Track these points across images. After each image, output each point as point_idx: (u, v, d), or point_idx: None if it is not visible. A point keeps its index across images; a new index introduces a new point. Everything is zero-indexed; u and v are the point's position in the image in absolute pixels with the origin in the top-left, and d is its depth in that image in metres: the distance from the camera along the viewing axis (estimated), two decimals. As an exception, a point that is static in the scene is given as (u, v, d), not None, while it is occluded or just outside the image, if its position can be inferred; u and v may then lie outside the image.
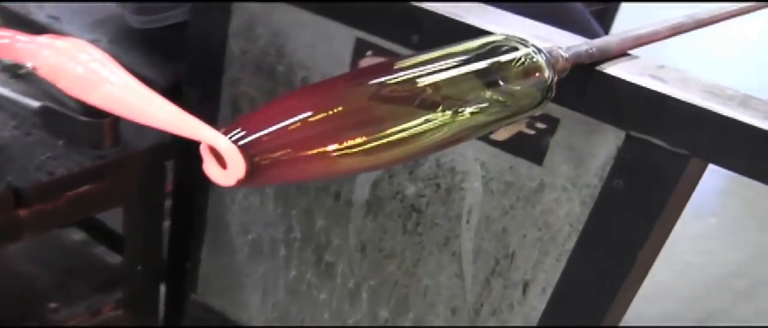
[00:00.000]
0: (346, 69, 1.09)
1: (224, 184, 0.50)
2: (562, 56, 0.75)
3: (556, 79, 0.71)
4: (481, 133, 0.66)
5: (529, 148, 0.97)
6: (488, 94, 0.61)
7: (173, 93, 1.31)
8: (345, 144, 0.51)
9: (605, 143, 0.89)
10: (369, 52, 1.06)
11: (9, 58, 0.59)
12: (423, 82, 0.57)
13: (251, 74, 1.22)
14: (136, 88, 0.53)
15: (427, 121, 0.55)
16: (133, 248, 1.46)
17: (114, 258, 1.59)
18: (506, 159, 1.00)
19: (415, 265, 1.18)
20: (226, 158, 0.49)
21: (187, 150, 0.64)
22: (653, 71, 0.86)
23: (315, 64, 1.13)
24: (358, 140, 0.51)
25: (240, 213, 1.38)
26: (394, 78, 0.56)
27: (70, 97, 0.88)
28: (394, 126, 0.53)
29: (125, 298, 1.50)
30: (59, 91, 0.55)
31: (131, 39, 1.45)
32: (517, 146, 0.98)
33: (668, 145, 0.83)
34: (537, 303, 1.05)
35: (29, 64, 0.56)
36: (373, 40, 1.05)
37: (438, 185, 1.10)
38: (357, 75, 0.64)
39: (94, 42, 0.74)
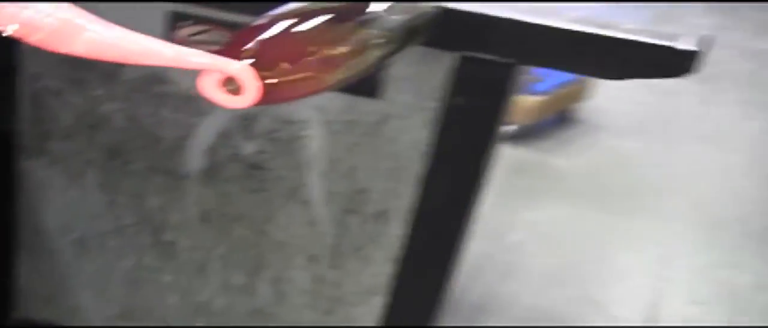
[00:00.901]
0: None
1: (242, 106, 0.61)
2: None
3: None
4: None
5: (365, 84, 1.09)
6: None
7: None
8: (334, 68, 0.69)
9: (438, 67, 1.03)
10: (189, 22, 1.12)
11: None
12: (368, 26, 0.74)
13: (54, 67, 1.23)
14: (128, 33, 0.59)
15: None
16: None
17: None
18: (344, 99, 1.11)
19: (264, 222, 1.27)
20: (243, 81, 0.59)
21: None
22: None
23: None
24: (342, 65, 0.70)
25: (58, 213, 1.38)
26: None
27: None
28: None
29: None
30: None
31: None
32: (353, 85, 1.09)
33: (499, 58, 0.99)
34: (396, 231, 1.18)
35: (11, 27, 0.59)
36: (187, 8, 1.11)
37: (277, 138, 1.19)
38: (338, 16, 0.73)
39: None
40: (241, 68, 0.60)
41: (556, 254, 2.51)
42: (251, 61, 0.61)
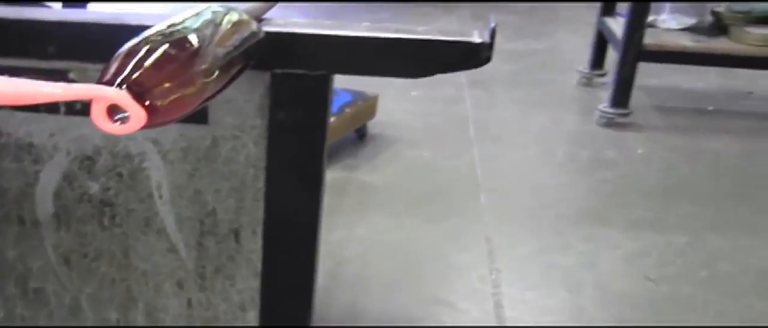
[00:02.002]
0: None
1: (128, 131, 0.73)
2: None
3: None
4: None
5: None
6: None
7: None
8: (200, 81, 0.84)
9: (255, 87, 1.15)
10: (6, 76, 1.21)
11: None
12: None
13: None
14: (10, 80, 0.72)
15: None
16: None
17: None
18: (174, 129, 1.22)
19: (126, 256, 1.37)
20: (124, 107, 0.72)
21: None
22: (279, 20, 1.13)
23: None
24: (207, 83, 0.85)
25: None
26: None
27: None
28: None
29: None
30: None
31: None
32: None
33: (309, 71, 1.11)
34: (253, 246, 1.30)
35: None
36: (7, 62, 1.20)
37: (120, 174, 1.29)
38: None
39: None
40: (118, 94, 0.72)
41: (394, 262, 2.86)
42: (126, 86, 0.74)
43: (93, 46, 1.17)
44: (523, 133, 4.31)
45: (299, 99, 1.14)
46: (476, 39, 1.06)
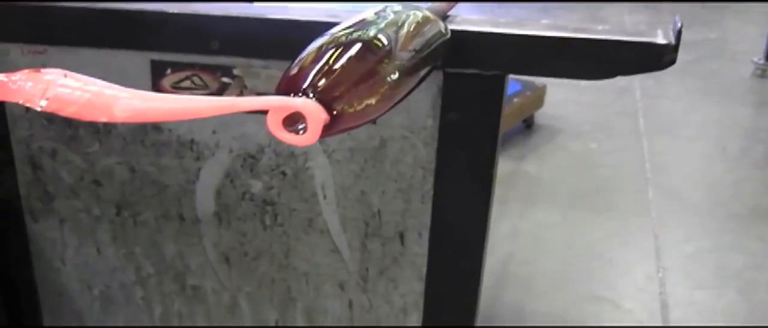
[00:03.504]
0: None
1: (309, 142, 0.77)
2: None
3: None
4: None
5: (360, 110, 1.32)
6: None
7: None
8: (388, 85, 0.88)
9: (427, 86, 1.25)
10: (168, 71, 1.36)
11: (9, 100, 0.79)
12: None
13: (44, 128, 1.49)
14: (176, 97, 0.76)
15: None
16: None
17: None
18: (341, 127, 1.35)
19: (286, 256, 1.52)
20: (307, 116, 0.75)
21: None
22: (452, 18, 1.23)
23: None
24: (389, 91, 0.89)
25: (76, 271, 1.66)
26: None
27: None
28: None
29: None
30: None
31: None
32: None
33: (483, 71, 1.21)
34: (418, 249, 1.42)
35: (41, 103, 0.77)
36: (169, 57, 1.35)
37: (284, 173, 1.43)
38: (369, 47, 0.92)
39: None
40: (305, 103, 0.76)
41: (559, 259, 3.03)
42: (312, 95, 0.78)
43: (257, 42, 1.31)
44: (695, 125, 4.46)
45: (472, 100, 1.24)
46: (661, 40, 1.13)
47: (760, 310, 2.73)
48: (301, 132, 0.77)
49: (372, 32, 0.91)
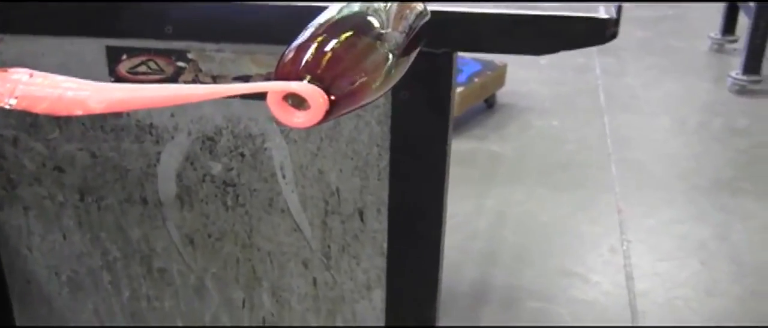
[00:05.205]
0: (107, 79, 1.40)
1: (311, 123, 0.77)
2: None
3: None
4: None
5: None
6: None
7: None
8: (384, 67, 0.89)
9: (379, 65, 1.28)
10: (124, 56, 1.39)
11: None
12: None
13: (4, 116, 1.51)
14: (162, 86, 0.76)
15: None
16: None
17: None
18: (297, 108, 1.37)
19: (249, 236, 1.54)
20: (309, 99, 0.76)
21: None
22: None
23: (70, 83, 1.44)
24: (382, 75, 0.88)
25: (43, 258, 1.68)
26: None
27: None
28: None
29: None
30: None
31: None
32: (302, 92, 1.36)
33: (433, 49, 1.23)
34: (377, 225, 1.45)
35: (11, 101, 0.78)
36: (124, 43, 1.37)
37: (242, 154, 1.45)
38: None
39: None
40: (305, 86, 0.76)
41: (524, 234, 3.12)
42: (309, 78, 0.78)
43: (209, 26, 1.33)
44: (655, 101, 4.59)
45: (423, 78, 1.26)
46: (603, 15, 1.16)
47: (722, 279, 2.80)
48: (301, 115, 0.78)
49: (365, 16, 0.92)
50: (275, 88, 0.77)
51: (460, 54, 3.90)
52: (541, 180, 3.58)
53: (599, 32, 1.17)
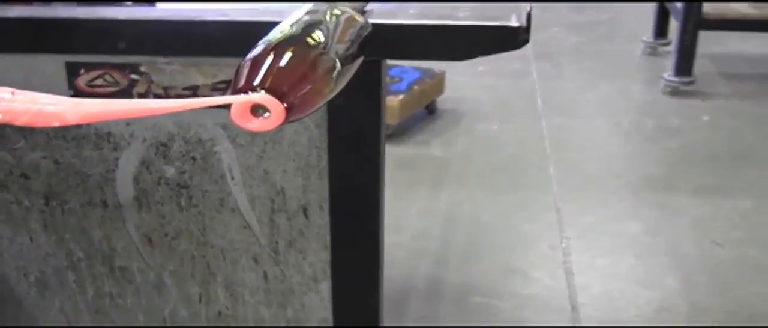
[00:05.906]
0: (67, 92, 1.52)
1: (271, 127, 0.86)
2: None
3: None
4: None
5: (257, 97, 1.46)
6: None
7: None
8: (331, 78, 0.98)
9: (315, 73, 1.40)
10: (82, 71, 1.50)
11: None
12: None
13: (-29, 129, 1.62)
14: (133, 101, 0.87)
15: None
16: None
17: None
18: (242, 114, 1.49)
19: (203, 234, 1.66)
20: (270, 108, 0.84)
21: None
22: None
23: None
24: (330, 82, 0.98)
25: (12, 259, 1.79)
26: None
27: None
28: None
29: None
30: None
31: None
32: (247, 100, 1.48)
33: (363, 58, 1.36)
34: (321, 221, 1.57)
35: None
36: (82, 58, 1.49)
37: (193, 158, 1.57)
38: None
39: None
40: (264, 97, 0.85)
41: (468, 233, 3.26)
42: (266, 89, 0.86)
43: (159, 41, 1.45)
44: (590, 103, 4.79)
45: (355, 84, 1.38)
46: (514, 23, 1.29)
47: (656, 272, 2.94)
48: (259, 122, 0.86)
49: (314, 31, 1.02)
50: (239, 100, 0.85)
51: (400, 63, 4.13)
52: (482, 182, 3.74)
53: (511, 39, 1.30)
